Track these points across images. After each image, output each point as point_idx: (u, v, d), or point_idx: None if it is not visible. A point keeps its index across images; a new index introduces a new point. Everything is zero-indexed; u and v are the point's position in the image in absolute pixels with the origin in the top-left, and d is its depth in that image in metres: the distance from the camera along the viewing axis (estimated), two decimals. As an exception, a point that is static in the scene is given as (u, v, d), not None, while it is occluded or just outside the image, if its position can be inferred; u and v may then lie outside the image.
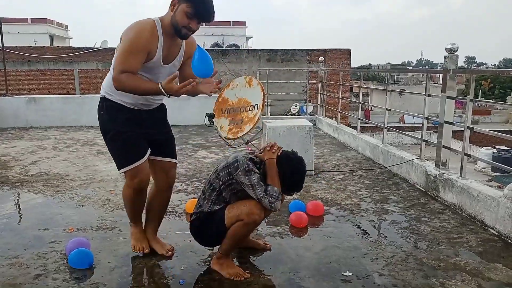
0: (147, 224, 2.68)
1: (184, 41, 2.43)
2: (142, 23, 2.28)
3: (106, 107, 2.43)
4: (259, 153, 2.43)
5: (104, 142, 2.50)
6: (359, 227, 3.09)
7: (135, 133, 2.42)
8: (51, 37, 32.16)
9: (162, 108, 2.63)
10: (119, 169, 2.47)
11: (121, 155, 2.44)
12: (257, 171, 2.30)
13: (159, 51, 2.31)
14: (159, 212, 2.68)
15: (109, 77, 2.40)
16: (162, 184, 2.61)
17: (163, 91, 2.18)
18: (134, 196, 2.50)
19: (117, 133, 2.41)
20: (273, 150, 2.39)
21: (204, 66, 2.24)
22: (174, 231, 2.97)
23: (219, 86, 2.43)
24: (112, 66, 2.32)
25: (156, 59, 2.32)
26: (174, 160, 2.65)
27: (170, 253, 2.58)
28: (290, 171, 2.34)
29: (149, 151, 2.47)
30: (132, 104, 2.41)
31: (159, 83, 2.20)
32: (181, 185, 4.14)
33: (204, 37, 31.43)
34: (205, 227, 2.37)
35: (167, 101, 2.71)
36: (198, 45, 2.31)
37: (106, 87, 2.43)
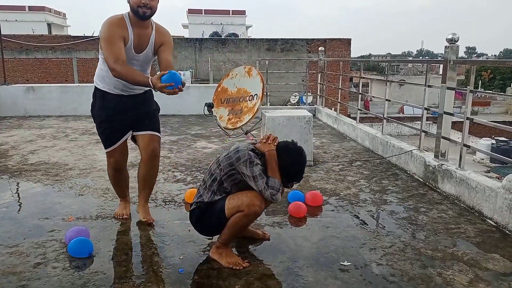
0: (139, 192, 3.02)
1: (154, 31, 2.73)
2: (111, 17, 2.64)
3: (96, 96, 2.86)
4: (257, 145, 2.43)
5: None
6: (357, 217, 3.10)
7: (117, 122, 2.82)
8: (49, 25, 31.93)
9: (145, 94, 2.91)
10: (105, 149, 2.94)
11: (104, 139, 2.90)
12: (259, 162, 2.30)
13: (130, 40, 2.64)
14: (146, 181, 2.95)
15: (98, 68, 2.79)
16: (144, 156, 2.89)
17: (151, 85, 2.42)
18: (113, 173, 3.00)
19: (102, 121, 2.83)
20: (270, 142, 2.38)
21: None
22: (173, 220, 2.98)
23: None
24: (100, 58, 2.71)
25: (128, 47, 2.63)
26: (151, 133, 2.88)
27: (145, 219, 2.89)
28: (290, 162, 2.34)
29: (125, 137, 2.89)
30: (118, 90, 2.76)
31: (149, 78, 2.44)
32: (180, 175, 4.15)
33: (203, 26, 31.22)
34: (205, 217, 2.38)
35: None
36: (169, 71, 2.41)
37: (96, 77, 2.83)
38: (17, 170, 4.26)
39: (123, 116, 2.81)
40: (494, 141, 20.26)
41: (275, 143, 2.40)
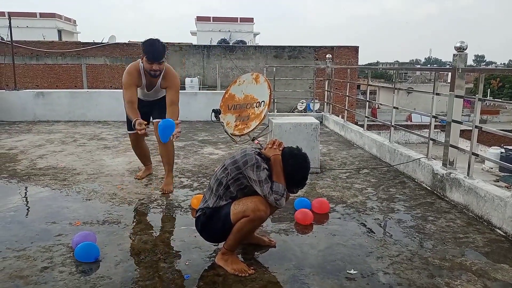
0: (164, 165, 3.94)
1: (161, 78, 3.72)
2: (131, 66, 3.69)
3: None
4: (263, 150, 2.44)
5: (110, 137, 3.21)
6: (364, 225, 3.08)
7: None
8: (60, 31, 32.35)
9: (160, 99, 3.96)
10: (128, 130, 4.10)
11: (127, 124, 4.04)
12: (266, 166, 2.30)
13: (143, 83, 3.73)
14: (165, 159, 3.88)
15: None
16: (158, 139, 3.72)
17: (133, 123, 3.36)
18: (133, 147, 4.20)
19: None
20: (275, 147, 2.39)
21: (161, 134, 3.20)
22: (179, 226, 2.98)
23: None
24: None
25: (141, 87, 3.76)
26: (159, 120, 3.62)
27: (162, 191, 3.72)
28: (294, 168, 2.35)
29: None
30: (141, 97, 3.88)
31: (137, 119, 3.35)
32: (187, 180, 4.15)
33: (211, 33, 31.44)
34: (211, 222, 2.37)
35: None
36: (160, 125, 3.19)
37: None
38: (25, 175, 4.30)
39: (143, 109, 3.73)
40: (503, 150, 20.04)
41: (281, 148, 2.40)
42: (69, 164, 4.75)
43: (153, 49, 3.49)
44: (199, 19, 34.49)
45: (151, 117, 3.96)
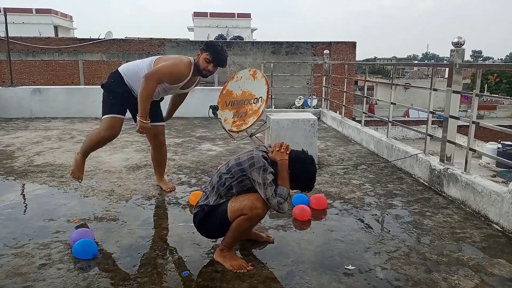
0: (154, 170, 3.81)
1: (198, 79, 3.52)
2: (184, 60, 3.33)
3: (119, 84, 3.37)
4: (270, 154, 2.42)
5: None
6: (362, 221, 3.09)
7: (122, 99, 3.38)
8: (56, 27, 32.15)
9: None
10: (102, 116, 3.41)
11: (105, 107, 3.40)
12: (272, 170, 2.29)
13: (184, 82, 3.36)
14: (159, 163, 3.73)
15: (136, 70, 3.34)
16: (154, 145, 3.67)
17: (138, 120, 3.20)
18: (100, 141, 3.45)
19: (111, 92, 3.37)
20: (282, 150, 2.37)
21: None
22: (177, 222, 2.98)
23: None
24: (147, 66, 3.31)
25: (179, 85, 3.39)
26: (156, 124, 3.53)
27: (169, 190, 3.63)
28: (302, 171, 2.34)
29: (124, 113, 3.44)
30: (135, 93, 3.35)
31: (145, 119, 3.19)
32: (185, 177, 4.15)
33: (208, 29, 31.31)
34: (209, 219, 2.37)
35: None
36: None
37: (127, 71, 3.38)
38: (23, 172, 4.28)
39: (134, 108, 3.32)
40: (500, 145, 20.11)
41: (288, 152, 2.38)
42: (67, 161, 4.74)
43: (223, 57, 3.42)
44: (196, 14, 34.34)
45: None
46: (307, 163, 2.37)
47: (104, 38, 21.89)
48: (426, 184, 3.97)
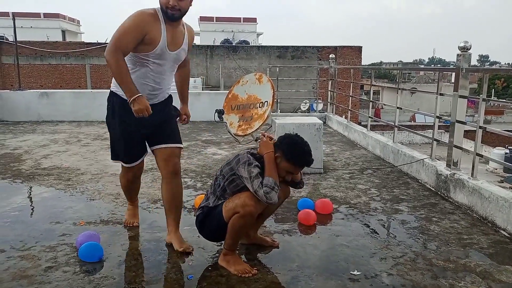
0: (166, 217, 2.71)
1: (186, 29, 2.60)
2: (142, 10, 2.44)
3: (114, 104, 2.61)
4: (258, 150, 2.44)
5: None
6: (368, 226, 3.07)
7: (137, 137, 2.65)
8: (63, 32, 32.50)
9: (166, 102, 2.72)
10: (112, 159, 2.79)
11: (117, 150, 2.72)
12: (258, 164, 2.30)
13: (163, 36, 2.44)
14: (171, 203, 2.68)
15: None
16: (165, 173, 2.66)
17: (130, 103, 2.36)
18: (128, 184, 2.92)
19: (117, 131, 2.64)
20: (265, 139, 2.39)
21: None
22: (183, 226, 2.97)
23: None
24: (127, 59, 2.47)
25: (161, 44, 2.44)
26: (171, 145, 2.66)
27: (181, 249, 2.53)
28: (290, 146, 2.33)
29: (146, 154, 2.77)
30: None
31: (135, 97, 2.35)
32: (191, 181, 4.16)
33: (214, 33, 31.47)
34: (207, 220, 2.41)
35: (177, 97, 2.81)
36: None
37: (114, 82, 2.57)
38: (30, 175, 4.32)
39: (144, 130, 2.62)
40: (507, 151, 19.92)
41: (271, 141, 2.40)
42: (73, 164, 4.77)
43: None
44: (202, 19, 34.53)
45: (152, 141, 2.69)
46: (291, 137, 2.38)
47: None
48: (433, 189, 3.94)
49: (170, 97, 2.75)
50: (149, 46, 2.41)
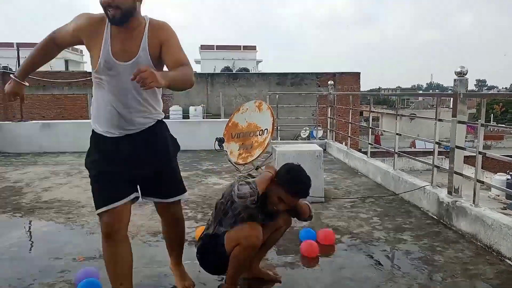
0: (169, 252, 2.56)
1: (147, 29, 2.02)
2: (88, 13, 2.08)
3: (90, 140, 2.21)
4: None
5: None
6: (371, 257, 3.03)
7: (115, 175, 2.08)
8: (66, 61, 33.01)
9: (150, 134, 2.14)
10: (97, 213, 2.12)
11: (95, 196, 2.13)
12: (255, 188, 2.22)
13: (106, 44, 1.97)
14: (174, 243, 2.52)
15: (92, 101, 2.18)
16: (164, 221, 2.46)
17: (11, 78, 2.17)
18: (106, 247, 2.10)
19: (94, 172, 2.14)
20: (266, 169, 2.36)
21: None
22: (184, 260, 2.93)
23: None
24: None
25: (104, 55, 1.97)
26: (169, 200, 2.29)
27: (182, 287, 2.42)
28: (285, 169, 2.34)
29: (126, 199, 2.11)
30: (106, 130, 2.09)
31: (16, 76, 2.16)
32: (191, 212, 4.13)
33: (215, 61, 32.00)
34: (208, 251, 2.37)
35: (177, 126, 2.79)
36: None
37: (92, 116, 2.20)
38: (30, 208, 4.29)
39: (122, 169, 2.08)
40: (509, 177, 19.83)
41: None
42: (74, 196, 4.75)
43: None
44: (203, 47, 35.17)
45: (144, 191, 2.28)
46: (291, 165, 2.39)
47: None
48: (435, 217, 3.91)
49: (159, 124, 2.19)
50: (93, 59, 2.01)
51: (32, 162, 7.18)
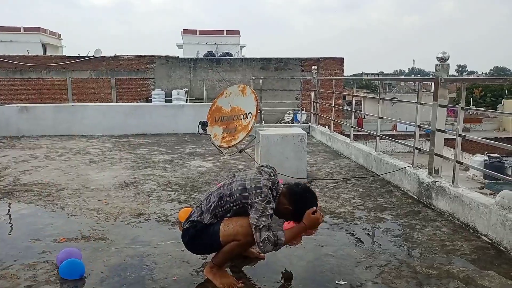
0: None
1: None
2: None
3: None
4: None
5: (96, 151, 2.48)
6: (352, 235, 3.08)
7: None
8: (44, 45, 32.07)
9: None
10: None
11: None
12: (274, 206, 2.26)
13: None
14: None
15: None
16: None
17: None
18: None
19: None
20: (320, 218, 2.37)
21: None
22: (166, 240, 2.94)
23: None
24: None
25: None
26: None
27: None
28: (302, 201, 2.35)
29: None
30: None
31: None
32: (174, 194, 4.12)
33: (197, 46, 31.53)
34: (200, 237, 2.34)
35: (160, 109, 2.76)
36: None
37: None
38: (9, 191, 4.21)
39: None
40: (486, 158, 20.40)
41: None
42: (54, 179, 4.67)
43: None
44: (186, 32, 34.59)
45: None
46: (306, 196, 2.38)
47: (93, 56, 21.89)
48: (415, 197, 3.99)
49: None
50: None
51: (10, 145, 7.01)
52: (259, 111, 6.13)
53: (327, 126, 8.35)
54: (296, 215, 2.35)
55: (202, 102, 18.15)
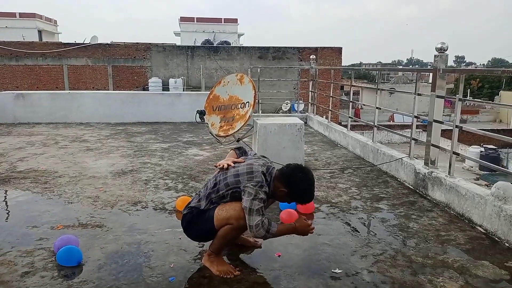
0: None
1: None
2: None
3: None
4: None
5: (93, 139, 2.52)
6: (349, 224, 3.11)
7: None
8: (40, 32, 31.74)
9: None
10: None
11: None
12: (267, 190, 2.27)
13: None
14: None
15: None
16: None
17: None
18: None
19: None
20: (310, 226, 2.35)
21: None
22: (164, 228, 2.96)
23: None
24: None
25: None
26: None
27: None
28: (297, 182, 2.32)
29: None
30: None
31: None
32: (172, 182, 4.12)
33: (195, 34, 31.28)
34: (196, 223, 2.37)
35: (157, 98, 2.75)
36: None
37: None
38: (5, 178, 4.20)
39: None
40: (483, 149, 20.48)
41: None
42: (51, 166, 4.67)
43: None
44: (183, 19, 34.28)
45: None
46: (299, 176, 2.36)
47: (90, 43, 21.70)
48: (411, 187, 4.02)
49: None
50: None
51: (6, 132, 6.97)
52: (257, 101, 6.11)
53: (324, 116, 8.35)
54: (294, 196, 2.36)
55: (200, 91, 18.08)
